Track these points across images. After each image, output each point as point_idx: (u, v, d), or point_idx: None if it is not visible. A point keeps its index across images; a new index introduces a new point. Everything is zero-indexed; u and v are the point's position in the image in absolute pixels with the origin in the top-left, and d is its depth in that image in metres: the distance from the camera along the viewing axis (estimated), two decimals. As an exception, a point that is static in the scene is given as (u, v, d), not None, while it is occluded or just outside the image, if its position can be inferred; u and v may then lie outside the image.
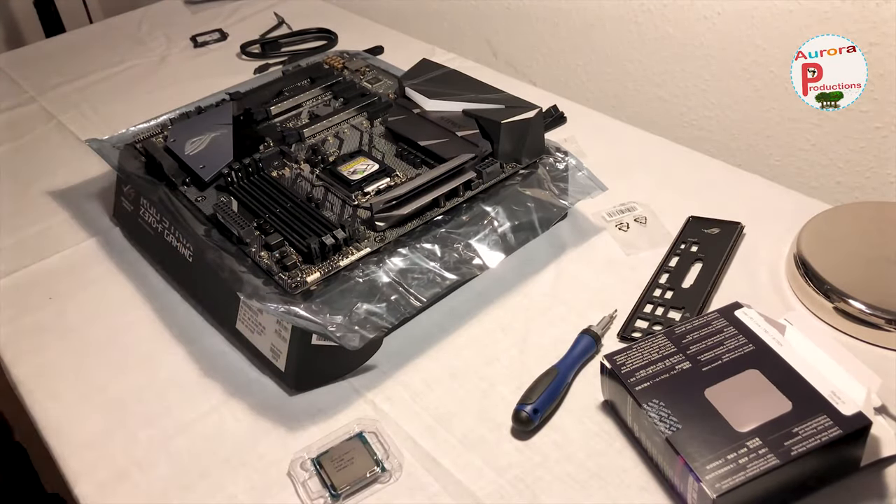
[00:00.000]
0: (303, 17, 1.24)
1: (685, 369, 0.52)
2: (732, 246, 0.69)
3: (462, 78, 0.76)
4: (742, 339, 0.54)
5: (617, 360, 0.54)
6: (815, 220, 0.68)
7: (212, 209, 0.65)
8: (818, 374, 0.50)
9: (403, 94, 0.75)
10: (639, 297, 0.65)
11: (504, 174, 0.67)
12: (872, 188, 0.85)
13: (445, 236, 0.62)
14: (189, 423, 0.59)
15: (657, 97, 1.03)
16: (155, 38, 1.25)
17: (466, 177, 0.65)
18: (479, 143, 0.67)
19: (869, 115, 0.81)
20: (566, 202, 0.69)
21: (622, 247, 0.71)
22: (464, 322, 0.65)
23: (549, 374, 0.57)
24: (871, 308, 0.59)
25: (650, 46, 1.00)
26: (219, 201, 0.66)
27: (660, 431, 0.49)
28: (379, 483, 0.52)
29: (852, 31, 0.78)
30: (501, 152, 0.68)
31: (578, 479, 0.52)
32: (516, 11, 1.16)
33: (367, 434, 0.55)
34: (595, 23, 1.05)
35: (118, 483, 0.55)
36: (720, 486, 0.45)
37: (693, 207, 0.74)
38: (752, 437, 0.47)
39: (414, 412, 0.58)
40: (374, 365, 0.62)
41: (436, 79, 0.76)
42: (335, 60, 0.91)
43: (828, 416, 0.48)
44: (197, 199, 0.67)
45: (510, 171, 0.68)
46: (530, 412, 0.54)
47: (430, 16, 1.33)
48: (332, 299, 0.57)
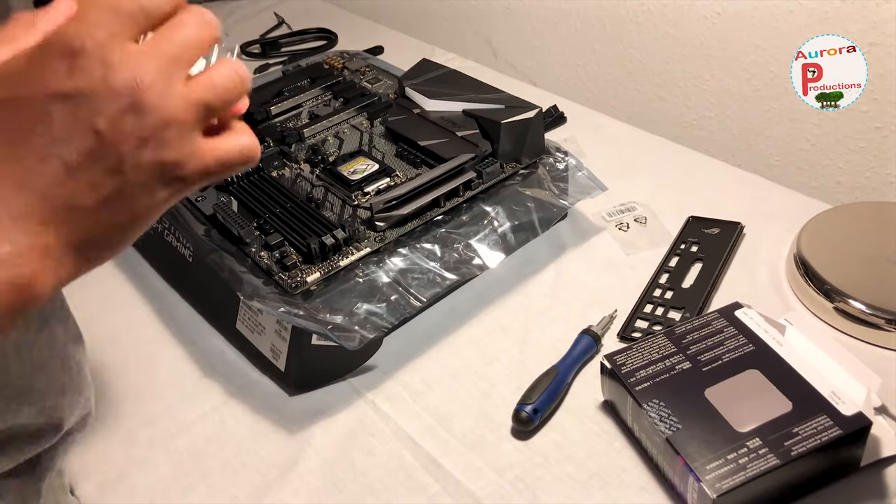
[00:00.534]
0: (303, 17, 1.24)
1: (685, 369, 0.52)
2: (732, 246, 0.69)
3: (462, 78, 0.76)
4: (742, 339, 0.54)
5: (617, 360, 0.54)
6: (815, 220, 0.68)
7: (212, 209, 0.65)
8: (818, 374, 0.50)
9: (403, 94, 0.75)
10: (639, 297, 0.65)
11: (504, 174, 0.67)
12: (872, 188, 0.85)
13: (445, 236, 0.62)
14: (189, 423, 0.59)
15: (657, 97, 1.03)
16: (155, 38, 1.25)
17: (466, 177, 0.65)
18: (479, 143, 0.67)
19: (869, 115, 0.81)
20: (566, 202, 0.69)
21: (622, 247, 0.71)
22: (464, 322, 0.65)
23: (549, 374, 0.57)
24: (871, 308, 0.59)
25: (650, 46, 1.00)
26: (219, 201, 0.66)
27: (660, 431, 0.49)
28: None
29: (852, 31, 0.78)
30: (501, 152, 0.68)
31: (578, 479, 0.52)
32: (516, 11, 1.16)
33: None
34: (595, 23, 1.05)
35: (118, 483, 0.55)
36: (720, 486, 0.45)
37: (693, 207, 0.74)
38: (752, 437, 0.47)
39: (414, 412, 0.58)
40: (374, 365, 0.62)
41: (436, 79, 0.76)
42: (335, 60, 0.91)
43: (828, 416, 0.48)
44: (196, 199, 0.67)
45: (510, 171, 0.68)
46: (530, 412, 0.54)
47: (430, 16, 1.33)
48: (332, 299, 0.57)
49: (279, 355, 0.60)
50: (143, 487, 0.54)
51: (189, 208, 0.67)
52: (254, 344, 0.62)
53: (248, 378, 0.62)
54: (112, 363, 0.64)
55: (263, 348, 0.61)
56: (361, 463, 0.55)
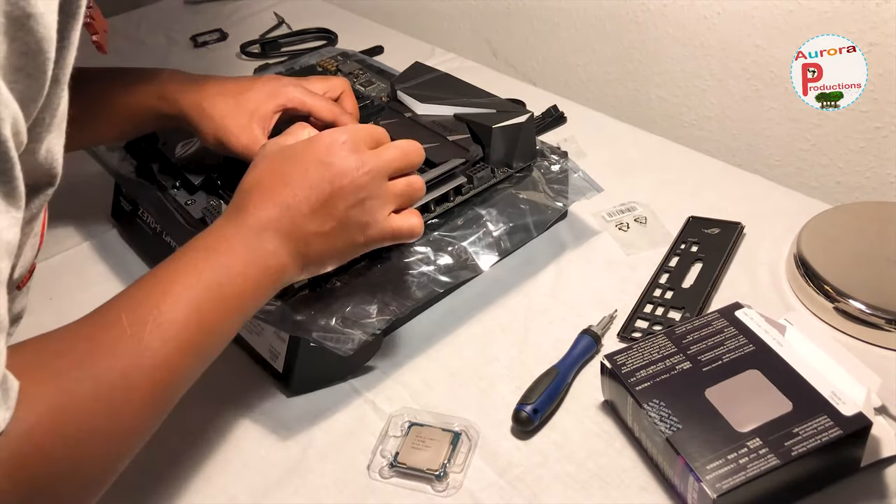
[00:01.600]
0: (303, 17, 1.24)
1: (685, 369, 0.52)
2: (732, 246, 0.69)
3: (454, 82, 0.75)
4: (742, 339, 0.54)
5: (617, 359, 0.54)
6: (815, 220, 0.68)
7: (201, 213, 0.64)
8: (818, 375, 0.50)
9: (395, 97, 0.75)
10: (639, 298, 0.65)
11: (495, 179, 0.67)
12: (872, 188, 0.85)
13: (439, 239, 0.62)
14: (189, 423, 0.58)
15: (657, 97, 1.03)
16: (155, 38, 1.25)
17: (457, 182, 0.64)
18: (469, 147, 0.67)
19: (869, 114, 0.81)
20: (561, 204, 0.68)
21: (622, 247, 0.71)
22: (464, 322, 0.65)
23: (549, 374, 0.57)
24: (871, 308, 0.59)
25: (650, 46, 1.00)
26: (208, 205, 0.65)
27: (660, 431, 0.49)
28: (426, 483, 0.52)
29: (852, 31, 0.78)
30: (493, 157, 0.67)
31: (578, 479, 0.52)
32: (516, 11, 1.16)
33: (463, 438, 0.55)
34: (595, 23, 1.05)
35: (118, 483, 0.55)
36: (720, 486, 0.45)
37: (693, 207, 0.74)
38: (752, 437, 0.47)
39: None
40: (374, 365, 0.62)
41: (428, 82, 0.75)
42: (329, 63, 0.90)
43: (828, 416, 0.47)
44: (187, 203, 0.67)
45: (501, 176, 0.67)
46: (530, 412, 0.54)
47: (429, 16, 1.33)
48: (325, 304, 0.57)
49: (277, 356, 0.60)
50: (144, 488, 0.54)
51: (179, 212, 0.66)
52: (252, 345, 0.62)
53: (248, 379, 0.62)
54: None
55: (262, 349, 0.61)
56: (361, 463, 0.55)
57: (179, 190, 0.68)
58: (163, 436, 0.58)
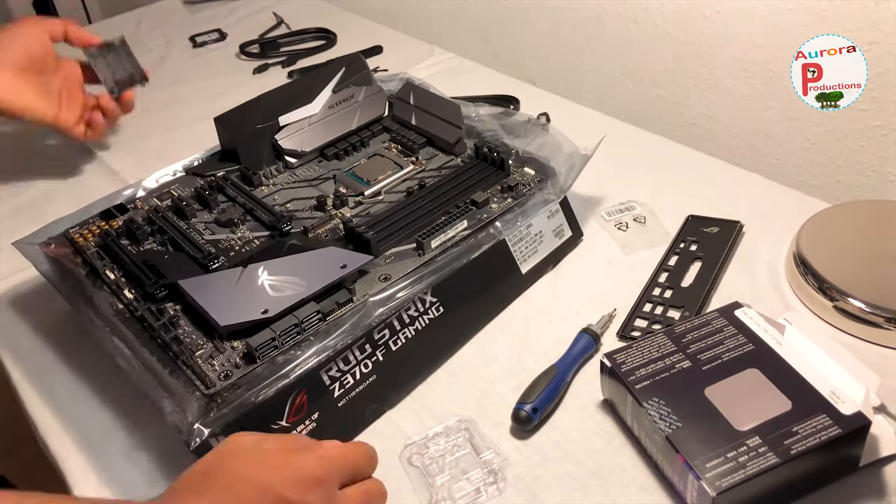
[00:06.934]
0: (302, 17, 1.24)
1: (685, 368, 0.52)
2: (732, 245, 0.69)
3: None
4: (742, 338, 0.54)
5: (617, 358, 0.54)
6: (815, 218, 0.68)
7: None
8: (818, 374, 0.50)
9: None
10: (638, 296, 0.65)
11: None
12: (872, 187, 0.86)
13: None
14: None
15: (657, 97, 1.03)
16: (154, 38, 1.25)
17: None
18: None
19: (868, 113, 0.81)
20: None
21: (621, 246, 0.71)
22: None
23: (548, 373, 0.57)
24: (871, 306, 0.59)
25: (650, 46, 1.00)
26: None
27: (660, 430, 0.49)
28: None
29: (851, 30, 0.79)
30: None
31: (578, 478, 0.52)
32: (516, 11, 1.16)
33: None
34: (595, 22, 1.05)
35: (118, 483, 0.55)
36: (720, 484, 0.45)
37: (692, 206, 0.74)
38: (751, 435, 0.47)
39: (413, 412, 0.58)
40: (374, 364, 0.62)
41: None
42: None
43: (827, 415, 0.48)
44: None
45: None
46: (530, 411, 0.54)
47: (429, 16, 1.34)
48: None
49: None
50: (143, 489, 0.54)
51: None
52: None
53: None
54: (112, 363, 0.64)
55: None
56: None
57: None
58: (163, 436, 0.58)
